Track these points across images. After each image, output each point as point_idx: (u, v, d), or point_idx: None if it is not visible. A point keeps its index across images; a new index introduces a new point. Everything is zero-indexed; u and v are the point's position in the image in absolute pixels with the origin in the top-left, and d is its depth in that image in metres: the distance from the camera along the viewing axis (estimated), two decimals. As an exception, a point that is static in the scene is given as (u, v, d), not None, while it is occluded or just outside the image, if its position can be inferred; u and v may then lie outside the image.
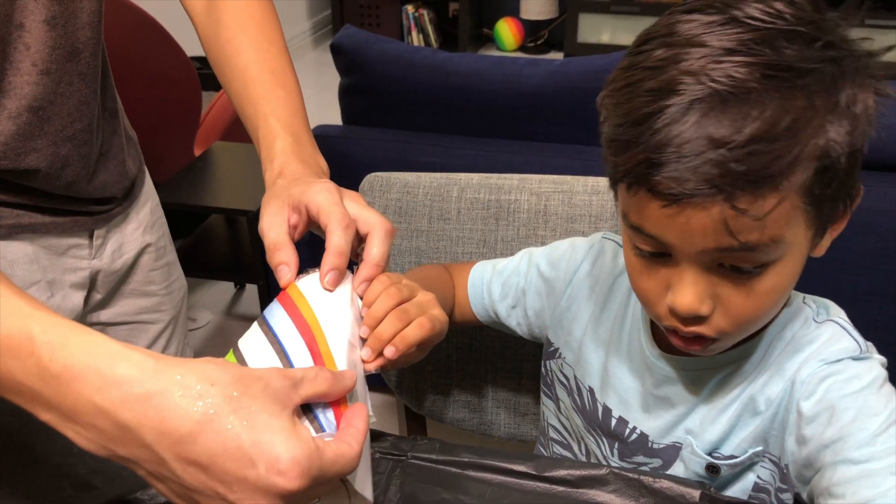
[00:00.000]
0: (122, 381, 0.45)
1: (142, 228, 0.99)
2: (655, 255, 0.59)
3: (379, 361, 0.62)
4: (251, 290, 2.32)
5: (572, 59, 1.58)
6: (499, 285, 0.84)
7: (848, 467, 0.56)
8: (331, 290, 0.62)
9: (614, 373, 0.75)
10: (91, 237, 0.90)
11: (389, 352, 0.62)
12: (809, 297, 0.68)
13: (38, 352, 0.46)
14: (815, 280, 0.69)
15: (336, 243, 0.62)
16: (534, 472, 0.64)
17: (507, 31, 4.24)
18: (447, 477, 0.65)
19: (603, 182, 0.93)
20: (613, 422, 0.75)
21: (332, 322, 0.59)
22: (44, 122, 0.77)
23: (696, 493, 0.60)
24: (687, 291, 0.57)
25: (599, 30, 3.89)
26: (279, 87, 0.76)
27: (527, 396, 1.01)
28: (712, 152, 0.51)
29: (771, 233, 0.53)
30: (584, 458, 0.82)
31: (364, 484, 0.55)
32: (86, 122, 0.82)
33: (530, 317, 0.84)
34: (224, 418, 0.45)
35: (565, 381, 0.82)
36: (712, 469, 0.67)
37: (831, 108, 0.52)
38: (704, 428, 0.68)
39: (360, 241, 0.67)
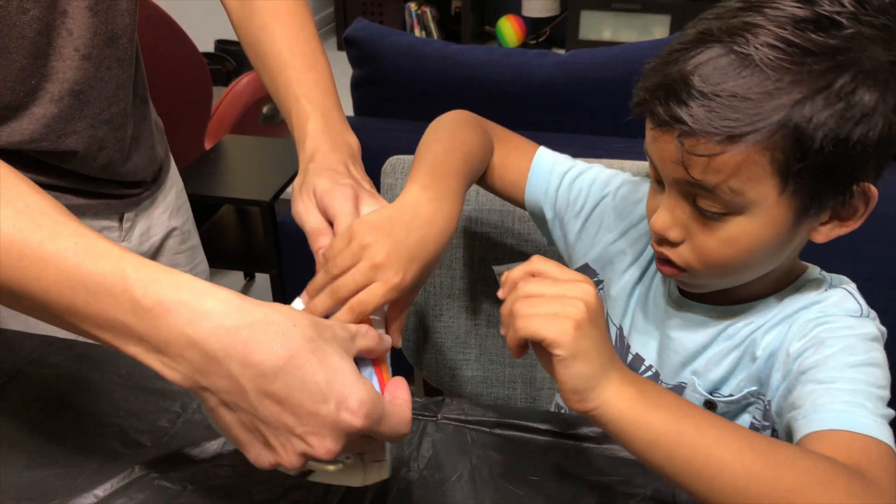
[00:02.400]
0: (212, 314, 0.48)
1: (168, 212, 1.02)
2: (658, 182, 0.66)
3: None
4: (261, 280, 2.35)
5: (580, 50, 1.61)
6: (566, 194, 0.85)
7: (813, 385, 0.61)
8: None
9: (638, 312, 0.79)
10: (121, 220, 0.94)
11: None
12: (827, 273, 0.73)
13: (132, 288, 0.48)
14: (819, 263, 0.74)
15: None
16: (558, 430, 0.67)
17: (508, 28, 4.27)
18: (476, 435, 0.69)
19: (617, 164, 0.96)
20: (630, 357, 0.79)
21: None
22: (83, 106, 0.80)
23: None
24: (662, 212, 0.65)
25: (601, 27, 3.92)
26: (310, 70, 0.79)
27: (542, 371, 1.04)
28: (693, 94, 0.57)
29: (729, 182, 0.59)
30: None
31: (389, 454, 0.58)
32: (121, 106, 0.85)
33: (582, 236, 0.85)
34: (304, 356, 0.48)
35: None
36: (710, 405, 0.72)
37: (819, 90, 0.56)
38: (709, 369, 0.72)
39: None
